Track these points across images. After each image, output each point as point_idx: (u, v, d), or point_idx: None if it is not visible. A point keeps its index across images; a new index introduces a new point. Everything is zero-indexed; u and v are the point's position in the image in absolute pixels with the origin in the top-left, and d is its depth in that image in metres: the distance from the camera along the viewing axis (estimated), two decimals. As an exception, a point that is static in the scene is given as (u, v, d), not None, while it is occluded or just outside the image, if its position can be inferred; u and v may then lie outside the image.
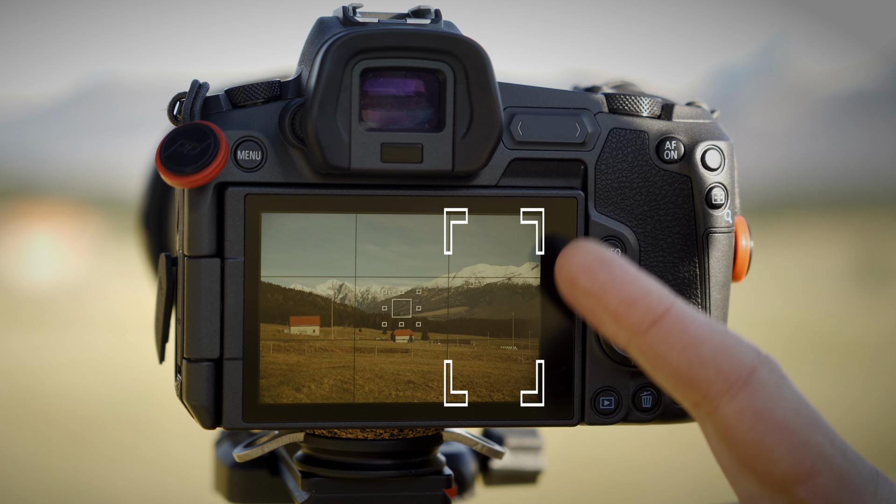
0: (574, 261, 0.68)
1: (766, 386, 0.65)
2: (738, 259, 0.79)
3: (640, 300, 0.66)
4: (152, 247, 1.09)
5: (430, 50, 0.72)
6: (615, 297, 0.66)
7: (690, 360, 0.65)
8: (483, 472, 0.99)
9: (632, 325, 0.66)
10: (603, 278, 0.67)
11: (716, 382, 0.65)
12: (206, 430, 0.75)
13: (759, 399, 0.65)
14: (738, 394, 0.65)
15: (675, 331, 0.66)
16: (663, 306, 0.66)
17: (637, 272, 0.67)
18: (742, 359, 0.65)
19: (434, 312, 0.75)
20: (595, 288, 0.67)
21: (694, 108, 0.79)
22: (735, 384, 0.65)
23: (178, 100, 0.74)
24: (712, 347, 0.65)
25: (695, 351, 0.65)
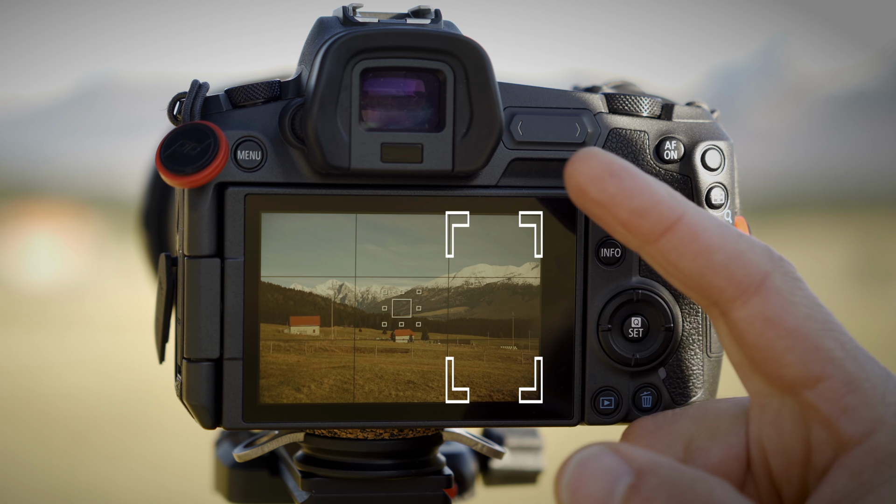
0: (583, 170, 0.67)
1: (778, 291, 0.65)
2: (739, 259, 0.79)
3: (651, 210, 0.66)
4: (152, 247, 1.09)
5: (430, 50, 0.72)
6: (625, 208, 0.66)
7: (702, 268, 0.66)
8: (483, 472, 0.99)
9: (643, 235, 0.66)
10: (613, 189, 0.66)
11: (728, 288, 0.66)
12: (206, 430, 0.75)
13: (770, 305, 0.65)
14: (750, 299, 0.65)
15: (686, 239, 0.66)
16: (674, 215, 0.66)
17: (648, 180, 0.67)
18: (754, 265, 0.65)
19: (434, 312, 0.75)
20: (605, 198, 0.67)
21: (694, 108, 0.79)
22: (747, 290, 0.65)
23: (178, 100, 0.74)
24: (724, 255, 0.66)
25: (706, 259, 0.66)
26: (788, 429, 0.67)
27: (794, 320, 0.65)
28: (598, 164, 0.67)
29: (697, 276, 0.66)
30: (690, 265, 0.66)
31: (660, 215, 0.66)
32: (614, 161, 0.67)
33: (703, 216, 0.67)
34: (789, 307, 0.65)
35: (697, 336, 0.78)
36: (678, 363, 0.78)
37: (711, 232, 0.66)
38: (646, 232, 0.66)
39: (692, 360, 0.78)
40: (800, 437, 0.66)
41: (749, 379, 0.68)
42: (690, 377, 0.78)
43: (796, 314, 0.65)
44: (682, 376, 0.78)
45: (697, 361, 0.78)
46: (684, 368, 0.78)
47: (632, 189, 0.66)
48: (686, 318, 0.78)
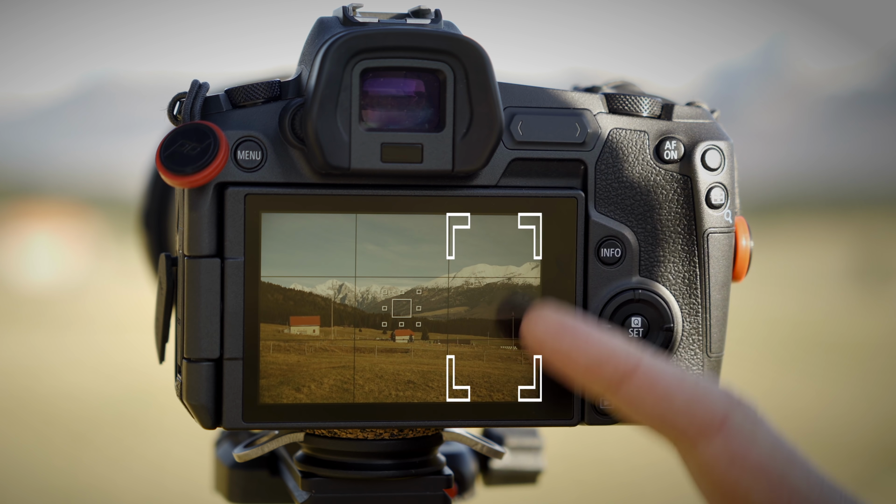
0: (538, 328, 0.71)
1: (740, 430, 0.67)
2: (738, 259, 0.79)
3: (607, 361, 0.69)
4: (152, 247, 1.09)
5: (430, 50, 0.72)
6: (582, 360, 0.69)
7: (664, 412, 0.68)
8: (483, 472, 0.98)
9: (603, 384, 0.69)
10: (567, 344, 0.70)
11: (690, 429, 0.68)
12: (206, 430, 0.75)
13: (733, 443, 0.67)
14: (713, 438, 0.67)
15: (645, 386, 0.68)
16: (631, 364, 0.69)
17: (600, 334, 0.70)
18: (715, 406, 0.67)
19: (434, 312, 0.75)
20: (562, 353, 0.70)
21: (694, 108, 0.79)
22: (709, 430, 0.67)
23: (178, 100, 0.74)
24: (684, 399, 0.68)
25: (667, 403, 0.68)
26: None
27: (758, 456, 0.67)
28: (550, 321, 0.71)
29: (660, 420, 0.68)
30: (651, 410, 0.68)
31: (616, 365, 0.69)
32: (565, 317, 0.71)
33: (659, 363, 0.69)
34: (753, 444, 0.67)
35: (697, 336, 0.78)
36: (678, 363, 0.78)
37: (669, 377, 0.68)
38: (605, 381, 0.69)
39: (692, 360, 0.78)
40: None
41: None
42: (690, 377, 0.78)
43: (760, 450, 0.67)
44: (682, 376, 0.78)
45: (697, 361, 0.78)
46: (684, 368, 0.78)
47: (586, 342, 0.70)
48: (686, 318, 0.78)
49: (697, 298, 0.78)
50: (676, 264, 0.78)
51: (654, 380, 0.68)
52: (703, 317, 0.78)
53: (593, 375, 0.69)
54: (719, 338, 0.79)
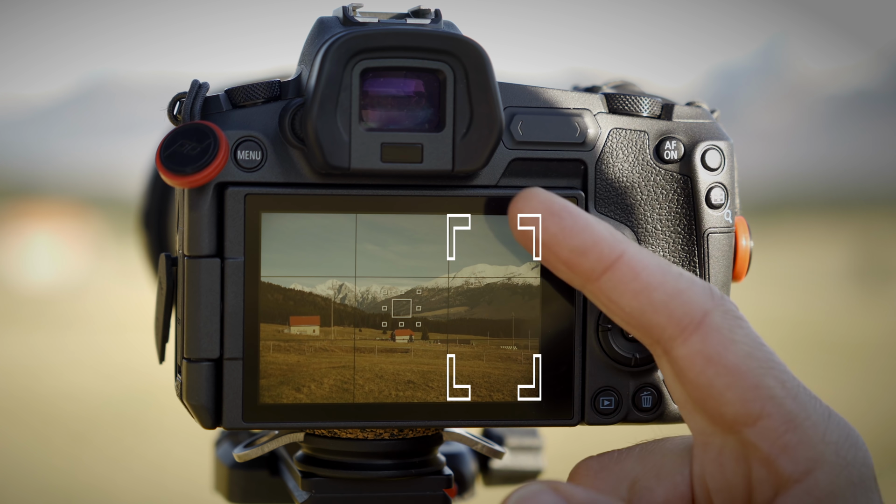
0: (526, 209, 0.69)
1: (718, 329, 0.66)
2: (738, 259, 0.79)
3: (591, 248, 0.67)
4: (152, 247, 1.09)
5: (430, 50, 0.72)
6: (566, 247, 0.68)
7: (643, 306, 0.66)
8: (483, 472, 0.99)
9: (584, 273, 0.67)
10: (553, 228, 0.68)
11: (668, 326, 0.66)
12: (206, 430, 0.75)
13: (710, 343, 0.65)
14: (690, 337, 0.66)
15: (626, 278, 0.67)
16: (615, 254, 0.67)
17: (588, 219, 0.68)
18: (694, 303, 0.66)
19: (434, 312, 0.75)
20: (546, 237, 0.68)
21: (694, 108, 0.79)
22: (687, 328, 0.66)
23: (178, 100, 0.74)
24: (664, 293, 0.66)
25: (647, 297, 0.66)
26: (730, 467, 0.67)
27: (733, 358, 0.65)
28: (539, 203, 0.69)
29: (638, 314, 0.67)
30: (631, 303, 0.67)
31: (600, 254, 0.67)
32: (555, 201, 0.68)
33: (643, 254, 0.67)
34: (729, 345, 0.65)
35: (697, 336, 0.78)
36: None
37: (652, 270, 0.67)
38: (586, 270, 0.67)
39: (692, 360, 0.78)
40: (741, 476, 0.66)
41: (691, 418, 0.68)
42: (690, 377, 0.78)
43: (736, 352, 0.65)
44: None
45: (697, 361, 0.78)
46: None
47: (572, 228, 0.68)
48: (686, 318, 0.78)
49: (697, 298, 0.78)
50: (676, 264, 0.78)
51: (637, 270, 0.67)
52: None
53: (576, 263, 0.67)
54: (719, 338, 0.79)
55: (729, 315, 0.66)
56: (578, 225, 0.68)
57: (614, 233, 0.68)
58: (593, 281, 0.67)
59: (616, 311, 0.67)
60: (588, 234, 0.67)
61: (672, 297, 0.66)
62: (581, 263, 0.67)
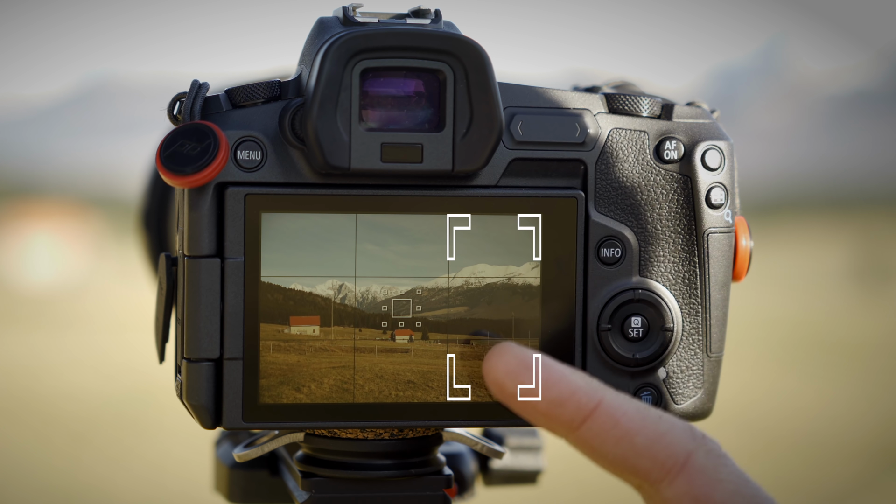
0: (499, 367, 0.70)
1: (703, 470, 0.66)
2: (738, 259, 0.79)
3: (569, 399, 0.68)
4: (152, 247, 1.09)
5: (430, 50, 0.72)
6: (544, 399, 0.68)
7: (625, 452, 0.67)
8: (483, 472, 0.98)
9: (563, 423, 0.68)
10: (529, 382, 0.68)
11: (653, 470, 0.67)
12: (206, 430, 0.75)
13: (696, 483, 0.66)
14: (675, 479, 0.66)
15: (606, 426, 0.67)
16: (592, 402, 0.68)
17: (562, 370, 0.69)
18: (677, 445, 0.67)
19: (434, 312, 0.75)
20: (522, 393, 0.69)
21: (694, 108, 0.79)
22: (672, 470, 0.66)
23: (178, 100, 0.74)
24: (645, 437, 0.67)
25: (628, 443, 0.67)
26: None
27: (721, 497, 0.66)
28: (512, 358, 0.69)
29: (621, 460, 0.67)
30: (613, 450, 0.67)
31: (578, 403, 0.68)
32: (527, 355, 0.69)
33: (621, 401, 0.68)
34: (716, 484, 0.66)
35: (697, 336, 0.78)
36: (678, 363, 0.78)
37: (631, 416, 0.67)
38: (566, 421, 0.68)
39: (692, 360, 0.78)
40: None
41: None
42: (690, 377, 0.78)
43: (723, 491, 0.66)
44: (682, 376, 0.78)
45: (697, 361, 0.78)
46: (684, 368, 0.78)
47: (547, 380, 0.68)
48: (686, 318, 0.78)
49: (697, 298, 0.78)
50: (676, 264, 0.78)
51: (616, 417, 0.67)
52: (703, 317, 0.78)
53: (554, 414, 0.68)
54: (719, 338, 0.79)
55: (712, 454, 0.67)
56: (554, 376, 0.68)
57: (590, 381, 0.68)
58: (573, 431, 0.68)
59: (599, 458, 0.68)
60: (564, 385, 0.68)
61: (654, 442, 0.67)
62: (560, 414, 0.68)
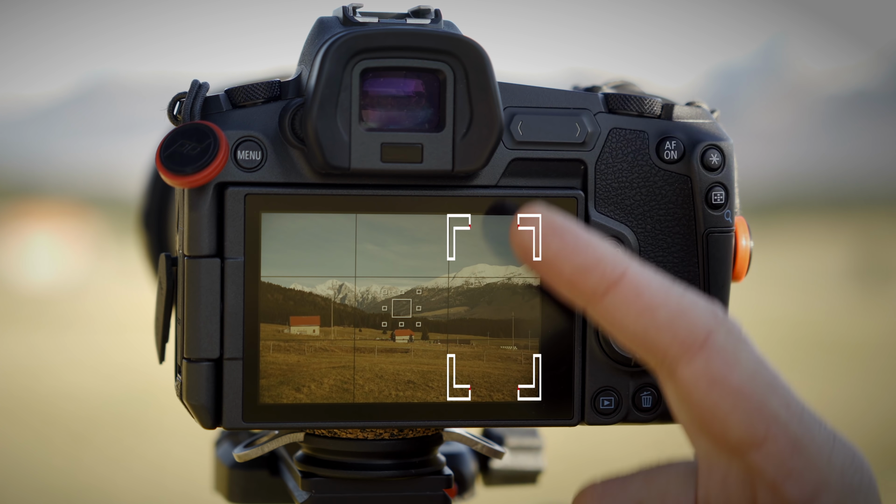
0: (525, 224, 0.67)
1: (722, 350, 0.64)
2: (738, 259, 0.79)
3: (594, 267, 0.66)
4: (152, 247, 1.09)
5: (430, 50, 0.72)
6: (568, 265, 0.66)
7: (646, 325, 0.65)
8: (483, 472, 0.98)
9: (586, 292, 0.66)
10: (555, 246, 0.66)
11: (672, 346, 0.65)
12: (206, 430, 0.75)
13: (714, 363, 0.64)
14: (694, 358, 0.64)
15: (630, 296, 0.65)
16: (617, 272, 0.65)
17: (590, 237, 0.66)
18: (698, 322, 0.65)
19: (434, 312, 0.75)
20: (547, 256, 0.66)
21: (694, 108, 0.79)
22: (691, 348, 0.64)
23: (178, 100, 0.74)
24: (668, 311, 0.65)
25: (650, 316, 0.65)
26: (735, 491, 0.66)
27: (738, 380, 0.64)
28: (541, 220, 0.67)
29: (642, 333, 0.65)
30: (635, 322, 0.65)
31: (602, 272, 0.66)
32: (555, 217, 0.67)
33: (646, 272, 0.66)
34: (734, 366, 0.64)
35: (697, 336, 0.78)
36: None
37: (655, 288, 0.65)
38: (589, 289, 0.66)
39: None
40: (746, 500, 0.65)
41: (696, 440, 0.67)
42: (690, 377, 0.78)
43: (741, 373, 0.64)
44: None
45: (697, 361, 0.78)
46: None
47: (574, 246, 0.66)
48: (686, 318, 0.78)
49: (697, 298, 0.78)
50: (676, 264, 0.78)
51: (640, 290, 0.65)
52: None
53: (579, 282, 0.66)
54: (719, 338, 0.79)
55: (733, 335, 0.65)
56: (581, 242, 0.66)
57: (616, 250, 0.66)
58: (596, 301, 0.66)
59: (619, 331, 0.66)
60: (591, 252, 0.66)
61: (676, 316, 0.65)
62: (584, 282, 0.66)
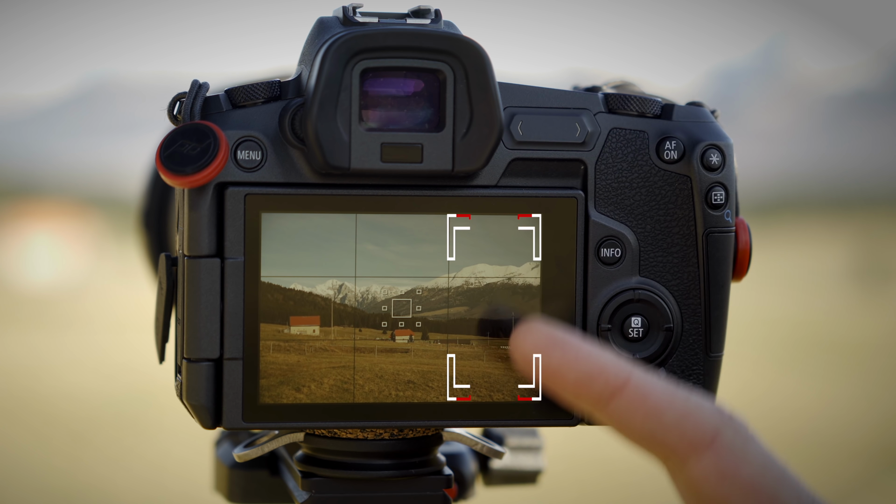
0: (527, 342, 0.70)
1: (730, 447, 0.66)
2: (738, 259, 0.79)
3: (598, 376, 0.68)
4: (152, 247, 1.09)
5: (430, 50, 0.72)
6: (572, 375, 0.68)
7: (653, 427, 0.67)
8: (483, 472, 0.98)
9: (592, 400, 0.68)
10: (557, 358, 0.68)
11: (680, 445, 0.67)
12: (206, 430, 0.75)
13: (724, 460, 0.66)
14: (703, 455, 0.66)
15: (635, 402, 0.67)
16: (621, 378, 0.68)
17: (590, 348, 0.68)
18: (705, 422, 0.67)
19: (434, 312, 0.75)
20: (551, 369, 0.69)
21: (694, 108, 0.79)
22: (699, 446, 0.66)
23: (178, 100, 0.74)
24: (674, 414, 0.67)
25: (657, 419, 0.67)
26: None
27: (748, 474, 0.66)
28: (540, 335, 0.69)
29: (649, 435, 0.67)
30: (641, 426, 0.67)
31: (606, 380, 0.68)
32: (555, 331, 0.69)
33: (649, 379, 0.68)
34: (743, 462, 0.66)
35: (697, 336, 0.78)
36: (678, 363, 0.78)
37: (659, 392, 0.67)
38: (594, 397, 0.68)
39: (692, 360, 0.78)
40: None
41: None
42: (690, 377, 0.78)
43: (751, 468, 0.66)
44: (682, 376, 0.78)
45: (697, 361, 0.78)
46: (684, 368, 0.78)
47: (576, 357, 0.68)
48: (686, 318, 0.78)
49: (697, 298, 0.78)
50: (676, 264, 0.78)
51: (645, 394, 0.67)
52: (703, 317, 0.78)
53: (583, 390, 0.68)
54: (719, 338, 0.79)
55: (741, 432, 0.67)
56: (583, 353, 0.68)
57: (619, 359, 0.68)
58: (602, 406, 0.68)
59: (627, 433, 0.68)
60: (594, 362, 0.68)
61: (682, 418, 0.67)
62: (589, 390, 0.68)
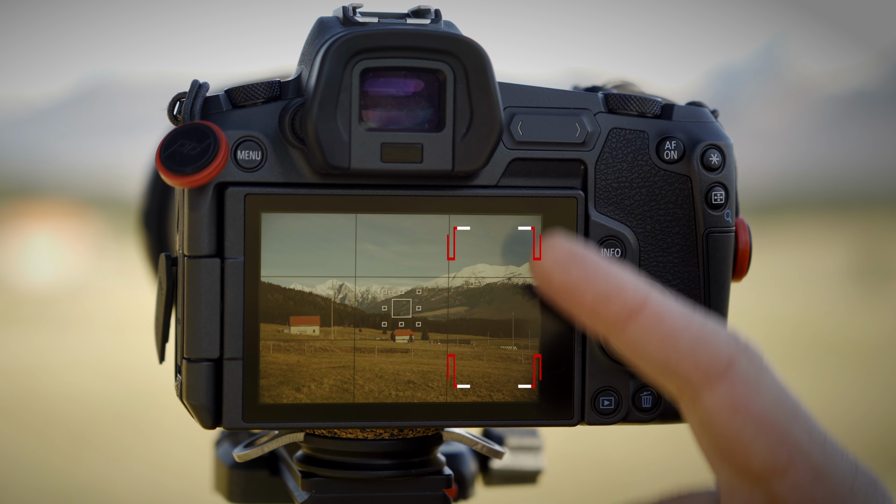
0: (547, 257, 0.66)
1: (744, 377, 0.64)
2: (739, 259, 0.79)
3: (615, 295, 0.65)
4: (152, 247, 1.09)
5: (430, 50, 0.72)
6: (590, 293, 0.65)
7: (668, 353, 0.65)
8: (483, 472, 0.98)
9: (608, 320, 0.66)
10: (576, 274, 0.66)
11: (694, 374, 0.65)
12: (206, 430, 0.75)
13: (737, 391, 0.64)
14: (717, 385, 0.64)
15: (651, 324, 0.65)
16: (639, 300, 0.65)
17: (611, 266, 0.66)
18: (720, 350, 0.65)
19: (434, 312, 0.75)
20: (569, 285, 0.66)
21: (694, 108, 0.79)
22: (713, 376, 0.64)
23: (178, 100, 0.74)
24: (690, 339, 0.65)
25: (672, 343, 0.65)
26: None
27: (761, 406, 0.64)
28: (560, 250, 0.66)
29: (664, 361, 0.65)
30: (657, 350, 0.65)
31: (624, 300, 0.65)
32: (576, 247, 0.66)
33: (667, 300, 0.66)
34: (756, 393, 0.64)
35: (697, 336, 0.78)
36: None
37: (676, 316, 0.65)
38: (611, 317, 0.66)
39: (692, 360, 0.78)
40: None
41: (718, 469, 0.67)
42: (690, 377, 0.78)
43: (763, 401, 0.64)
44: (682, 376, 0.78)
45: (697, 361, 0.78)
46: None
47: (595, 274, 0.66)
48: (686, 318, 0.78)
49: (698, 298, 0.78)
50: (676, 264, 0.78)
51: (661, 318, 0.65)
52: (703, 317, 0.78)
53: (599, 311, 0.66)
54: (719, 338, 0.79)
55: (755, 362, 0.65)
56: (602, 270, 0.66)
57: (637, 278, 0.66)
58: (619, 329, 0.66)
59: (641, 360, 0.66)
60: (612, 280, 0.66)
61: (698, 344, 0.65)
62: (606, 310, 0.66)
